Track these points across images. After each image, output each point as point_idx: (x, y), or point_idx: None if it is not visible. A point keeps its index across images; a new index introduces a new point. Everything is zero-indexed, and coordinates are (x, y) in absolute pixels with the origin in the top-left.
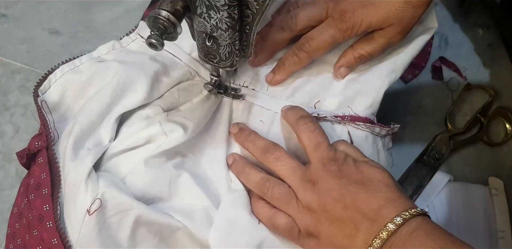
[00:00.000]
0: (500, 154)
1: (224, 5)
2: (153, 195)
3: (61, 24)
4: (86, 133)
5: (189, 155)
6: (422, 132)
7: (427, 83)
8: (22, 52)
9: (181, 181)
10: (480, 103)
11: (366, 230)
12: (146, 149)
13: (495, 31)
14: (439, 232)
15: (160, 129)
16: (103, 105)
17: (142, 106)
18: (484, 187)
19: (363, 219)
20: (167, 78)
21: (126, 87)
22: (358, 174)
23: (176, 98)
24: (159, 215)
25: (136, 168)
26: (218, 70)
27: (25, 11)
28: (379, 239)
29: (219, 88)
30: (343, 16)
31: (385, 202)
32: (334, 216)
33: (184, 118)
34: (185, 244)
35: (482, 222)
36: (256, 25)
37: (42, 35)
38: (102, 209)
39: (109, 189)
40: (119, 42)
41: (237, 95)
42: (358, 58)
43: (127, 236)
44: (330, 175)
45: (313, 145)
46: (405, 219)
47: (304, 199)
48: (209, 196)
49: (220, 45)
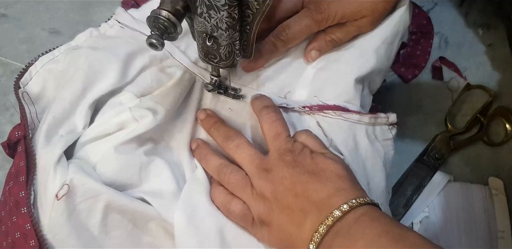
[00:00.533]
0: (500, 154)
1: (225, 5)
2: (123, 181)
3: (61, 24)
4: (59, 120)
5: (161, 139)
6: (422, 132)
7: (427, 83)
8: (22, 52)
9: (151, 167)
10: (480, 103)
11: (314, 218)
12: (117, 135)
13: (495, 31)
14: (384, 218)
15: (130, 115)
16: (76, 92)
17: (115, 94)
18: (484, 187)
19: (312, 207)
20: (139, 59)
21: (98, 72)
22: (312, 165)
23: (149, 83)
24: (130, 201)
25: (106, 155)
26: (218, 70)
27: (25, 11)
28: (324, 225)
29: (219, 88)
30: (319, 8)
31: (334, 191)
32: (285, 204)
33: (155, 103)
34: (156, 235)
35: (482, 222)
36: (256, 25)
37: (42, 35)
38: (71, 195)
39: (78, 175)
40: (97, 30)
41: (237, 95)
42: (329, 42)
43: (98, 222)
44: (284, 164)
45: (272, 135)
46: (352, 206)
47: (258, 187)
48: (177, 180)
49: (220, 45)
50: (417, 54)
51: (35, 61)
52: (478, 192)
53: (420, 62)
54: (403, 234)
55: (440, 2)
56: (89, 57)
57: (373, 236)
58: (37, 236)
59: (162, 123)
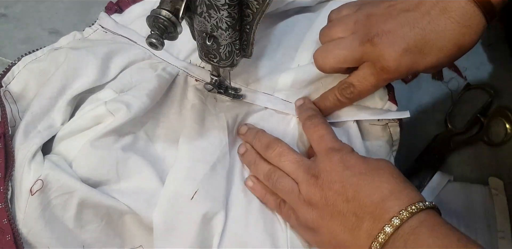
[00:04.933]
0: (500, 154)
1: (224, 4)
2: (99, 176)
3: (61, 24)
4: (38, 116)
5: (142, 134)
6: (422, 132)
7: (427, 83)
8: (22, 52)
9: (130, 162)
10: (480, 103)
11: (369, 224)
12: (93, 130)
13: (495, 31)
14: (444, 229)
15: (105, 108)
16: (54, 89)
17: (95, 91)
18: (484, 187)
19: (365, 213)
20: (119, 58)
21: (77, 70)
22: (362, 164)
23: (129, 79)
24: (104, 198)
25: (82, 150)
26: (218, 70)
27: (25, 11)
28: (383, 234)
29: (219, 88)
30: (386, 67)
31: (389, 193)
32: (336, 210)
33: (131, 96)
34: (132, 228)
35: (482, 222)
36: (256, 25)
37: (42, 35)
38: (46, 190)
39: (53, 171)
40: (81, 33)
41: (237, 95)
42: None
43: (73, 216)
44: (333, 166)
45: (316, 138)
46: (412, 212)
47: (306, 194)
48: (160, 177)
49: (220, 44)
50: None
51: (18, 61)
52: (478, 192)
53: None
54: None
55: None
56: (69, 56)
57: None
58: (12, 230)
59: (141, 117)
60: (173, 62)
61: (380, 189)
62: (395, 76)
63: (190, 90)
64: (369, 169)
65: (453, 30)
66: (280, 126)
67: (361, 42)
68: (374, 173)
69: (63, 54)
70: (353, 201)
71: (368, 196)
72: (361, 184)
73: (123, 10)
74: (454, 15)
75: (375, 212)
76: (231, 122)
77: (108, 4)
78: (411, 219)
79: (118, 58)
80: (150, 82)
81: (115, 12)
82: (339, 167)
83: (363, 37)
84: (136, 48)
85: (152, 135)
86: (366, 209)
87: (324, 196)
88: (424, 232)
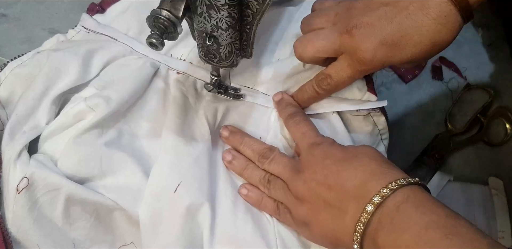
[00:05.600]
0: (500, 154)
1: (225, 4)
2: (84, 173)
3: (61, 24)
4: (23, 117)
5: (126, 129)
6: (422, 132)
7: (427, 83)
8: (22, 52)
9: (115, 158)
10: (480, 103)
11: (354, 208)
12: (75, 127)
13: (495, 31)
14: (431, 204)
15: (85, 104)
16: (38, 91)
17: (80, 90)
18: (484, 187)
19: (349, 198)
20: (100, 55)
21: (59, 70)
22: (343, 152)
23: (111, 76)
24: (91, 194)
25: (66, 147)
26: (218, 70)
27: (25, 11)
28: (365, 213)
29: (219, 88)
30: (363, 59)
31: (369, 175)
32: (321, 200)
33: (111, 91)
34: (122, 225)
35: (482, 222)
36: (256, 25)
37: (42, 35)
38: (32, 188)
39: (39, 169)
40: (64, 35)
41: (237, 95)
42: None
43: (61, 214)
44: (314, 159)
45: (299, 135)
46: (392, 189)
47: (294, 190)
48: (146, 172)
49: (221, 44)
50: None
51: (3, 67)
52: (478, 192)
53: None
54: (453, 225)
55: None
56: (50, 57)
57: (419, 228)
58: (1, 230)
59: (124, 111)
60: (154, 56)
61: (361, 172)
62: (370, 68)
63: (171, 83)
64: (349, 155)
65: (429, 27)
66: (262, 119)
67: (339, 33)
68: (353, 158)
69: (45, 56)
70: (335, 188)
71: (349, 181)
72: (340, 170)
73: (105, 10)
74: (431, 12)
75: (358, 195)
76: (211, 116)
77: (90, 5)
78: (394, 195)
79: (99, 56)
80: (130, 77)
81: (97, 12)
82: (320, 158)
83: (342, 28)
84: (117, 45)
85: (137, 130)
86: (349, 194)
87: (308, 188)
88: (410, 208)
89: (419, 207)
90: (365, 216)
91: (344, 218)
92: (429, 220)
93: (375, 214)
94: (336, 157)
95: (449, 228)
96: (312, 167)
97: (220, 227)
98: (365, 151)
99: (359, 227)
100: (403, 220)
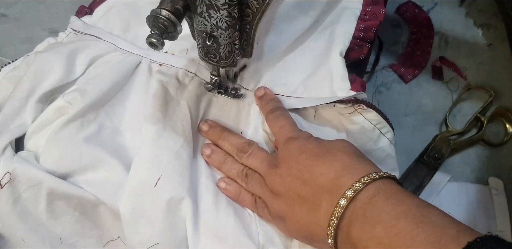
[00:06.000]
0: (500, 154)
1: (224, 4)
2: (65, 168)
3: (61, 24)
4: (10, 116)
5: (108, 123)
6: (422, 132)
7: (427, 83)
8: (22, 52)
9: (95, 152)
10: (480, 103)
11: (327, 202)
12: (56, 123)
13: (495, 31)
14: (402, 195)
15: (62, 100)
16: (24, 91)
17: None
18: (484, 187)
19: (322, 192)
20: (84, 54)
21: (44, 70)
22: (317, 147)
23: (95, 74)
24: (73, 188)
25: (47, 143)
26: (218, 70)
27: (25, 11)
28: (338, 207)
29: (219, 88)
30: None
31: (342, 169)
32: (296, 194)
33: (87, 84)
34: (108, 220)
35: (482, 222)
36: (256, 25)
37: (42, 35)
38: (15, 183)
39: (21, 164)
40: (55, 39)
41: (237, 94)
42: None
43: (44, 209)
44: (290, 154)
45: (277, 129)
46: (365, 183)
47: (270, 184)
48: (127, 166)
49: (220, 44)
50: (417, 54)
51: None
52: (478, 192)
53: (420, 62)
54: (424, 214)
55: (440, 2)
56: (36, 58)
57: (391, 219)
58: None
59: (103, 104)
60: (136, 51)
61: (334, 167)
62: None
63: (153, 75)
64: (323, 150)
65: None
66: (242, 113)
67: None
68: (327, 153)
69: (32, 58)
70: (309, 182)
71: (323, 175)
72: (315, 164)
73: (93, 11)
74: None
75: (332, 189)
76: (194, 107)
77: (79, 8)
78: (366, 189)
79: (83, 54)
80: (108, 70)
81: (86, 14)
82: (295, 153)
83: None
84: (101, 43)
85: (119, 123)
86: (323, 188)
87: (283, 183)
88: (381, 201)
89: (390, 198)
90: (338, 210)
91: (318, 212)
92: (400, 211)
93: (348, 208)
94: (311, 151)
95: (419, 217)
96: (288, 162)
97: (203, 220)
98: (339, 145)
99: (332, 221)
100: (375, 213)
